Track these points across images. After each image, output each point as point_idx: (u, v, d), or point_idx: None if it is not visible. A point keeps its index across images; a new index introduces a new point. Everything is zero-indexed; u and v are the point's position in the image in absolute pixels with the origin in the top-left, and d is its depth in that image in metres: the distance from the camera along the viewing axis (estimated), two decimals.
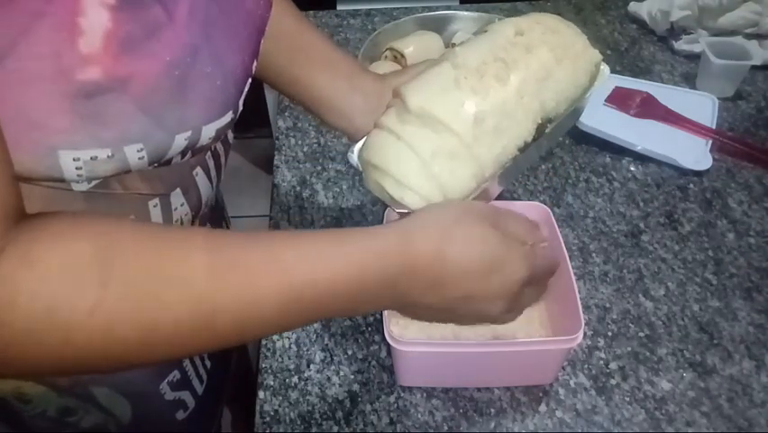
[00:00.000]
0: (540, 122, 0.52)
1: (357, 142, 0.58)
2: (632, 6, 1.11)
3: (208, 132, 0.43)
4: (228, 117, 0.44)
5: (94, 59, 0.35)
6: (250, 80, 0.46)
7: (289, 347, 0.64)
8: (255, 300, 0.37)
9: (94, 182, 0.42)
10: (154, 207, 0.48)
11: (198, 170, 0.52)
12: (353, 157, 0.58)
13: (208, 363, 0.64)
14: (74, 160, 0.37)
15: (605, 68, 0.59)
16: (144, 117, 0.38)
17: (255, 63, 0.47)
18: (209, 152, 0.53)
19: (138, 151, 0.39)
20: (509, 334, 0.62)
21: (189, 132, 0.41)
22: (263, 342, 0.65)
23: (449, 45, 0.96)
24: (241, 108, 0.46)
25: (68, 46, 0.34)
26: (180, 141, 0.41)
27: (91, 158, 0.37)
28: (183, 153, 0.44)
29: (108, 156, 0.38)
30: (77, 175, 0.38)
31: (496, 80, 0.50)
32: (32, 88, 0.34)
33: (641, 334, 0.65)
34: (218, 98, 0.42)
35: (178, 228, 0.40)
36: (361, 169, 0.56)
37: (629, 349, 0.64)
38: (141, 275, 0.35)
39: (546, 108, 0.52)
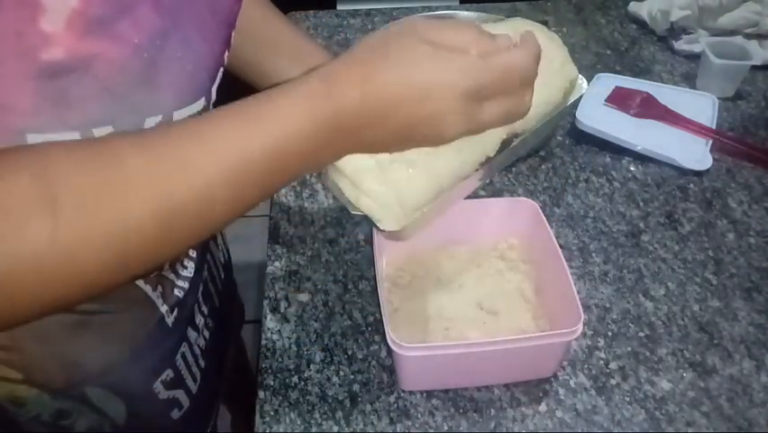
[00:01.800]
0: (505, 137, 0.52)
1: None
2: (632, 6, 1.11)
3: (180, 118, 0.42)
4: (200, 104, 0.43)
5: (57, 38, 0.34)
6: (222, 70, 0.46)
7: (289, 347, 0.64)
8: (202, 183, 0.36)
9: None
10: None
11: None
12: None
13: (202, 363, 0.64)
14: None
15: (582, 81, 0.59)
16: (111, 99, 0.38)
17: (226, 54, 0.47)
18: None
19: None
20: (497, 329, 0.62)
21: (160, 116, 0.40)
22: (263, 342, 0.65)
23: None
24: (214, 97, 0.45)
25: (29, 24, 0.34)
26: (151, 125, 0.40)
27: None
28: None
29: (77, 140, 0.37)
30: None
31: None
32: None
33: (641, 334, 0.65)
34: (189, 84, 0.42)
35: (105, 138, 0.38)
36: None
37: (629, 349, 0.64)
38: (87, 192, 0.34)
39: (513, 126, 0.52)
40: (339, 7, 1.18)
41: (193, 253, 0.60)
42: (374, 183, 0.49)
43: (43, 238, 0.32)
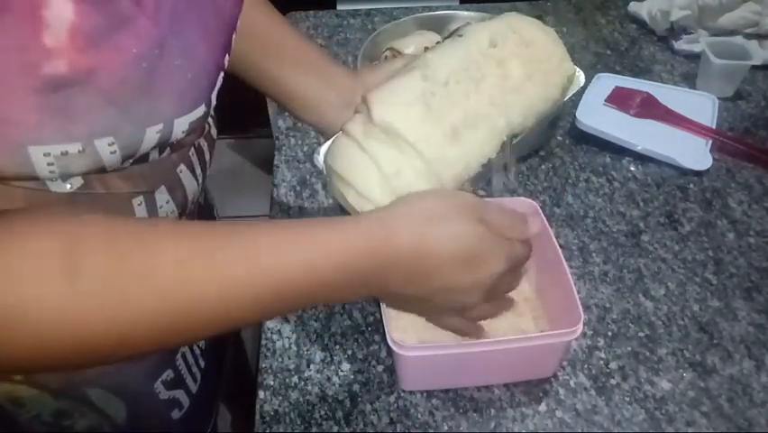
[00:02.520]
0: (505, 139, 0.52)
1: (328, 138, 0.58)
2: (632, 6, 1.11)
3: (181, 125, 0.42)
4: (201, 111, 0.44)
5: (59, 51, 0.35)
6: (222, 74, 0.46)
7: (289, 347, 0.64)
8: (231, 294, 0.38)
9: (71, 181, 0.42)
10: (138, 205, 0.47)
11: (182, 167, 0.52)
12: (319, 159, 0.58)
13: (202, 362, 0.64)
14: (44, 155, 0.37)
15: (579, 74, 0.59)
16: (113, 110, 0.38)
17: (227, 57, 0.47)
18: (192, 149, 0.53)
19: (109, 144, 0.39)
20: (497, 330, 0.62)
21: (161, 125, 0.41)
22: (263, 342, 0.65)
23: None
24: (214, 102, 0.46)
25: (32, 39, 0.34)
26: (152, 134, 0.41)
27: (62, 153, 0.37)
28: (160, 149, 0.44)
29: (79, 151, 0.38)
30: (50, 172, 0.38)
31: (464, 97, 0.50)
32: (1, 80, 0.34)
33: (641, 334, 0.65)
34: (189, 91, 0.42)
35: (148, 221, 0.40)
36: (325, 172, 0.56)
37: (629, 349, 0.64)
38: (109, 272, 0.35)
39: (513, 125, 0.52)
40: (339, 7, 1.18)
41: None
42: (380, 193, 0.49)
43: (56, 303, 0.34)
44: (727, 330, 0.66)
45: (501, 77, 0.52)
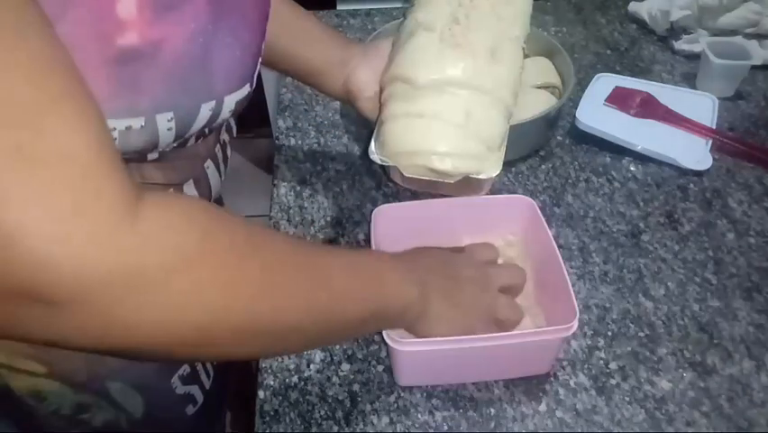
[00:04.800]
0: (524, 46, 0.53)
1: (355, 103, 0.60)
2: (632, 6, 1.11)
3: (229, 103, 0.44)
4: (246, 90, 0.46)
5: (131, 24, 0.36)
6: (260, 59, 0.48)
7: None
8: (350, 313, 0.45)
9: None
10: None
11: (209, 162, 0.54)
12: (375, 155, 0.59)
13: None
14: (111, 130, 0.38)
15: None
16: (174, 84, 0.39)
17: (263, 44, 0.49)
18: (218, 145, 0.55)
19: (168, 120, 0.40)
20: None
21: (213, 102, 0.43)
22: None
23: None
24: (255, 84, 0.48)
25: (106, 11, 0.35)
26: (205, 111, 0.42)
27: (126, 128, 0.39)
28: (205, 128, 0.45)
29: (141, 126, 0.39)
30: None
31: (478, 23, 0.51)
32: (78, 53, 0.34)
33: (641, 334, 0.65)
34: (238, 69, 0.44)
35: (321, 244, 0.47)
36: (386, 163, 0.56)
37: (629, 349, 0.64)
38: (280, 265, 0.38)
39: (524, 32, 0.53)
40: (339, 7, 1.18)
41: None
42: (460, 141, 0.51)
43: (242, 302, 0.35)
44: (727, 330, 0.66)
45: None
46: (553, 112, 0.80)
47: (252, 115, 1.54)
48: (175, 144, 0.44)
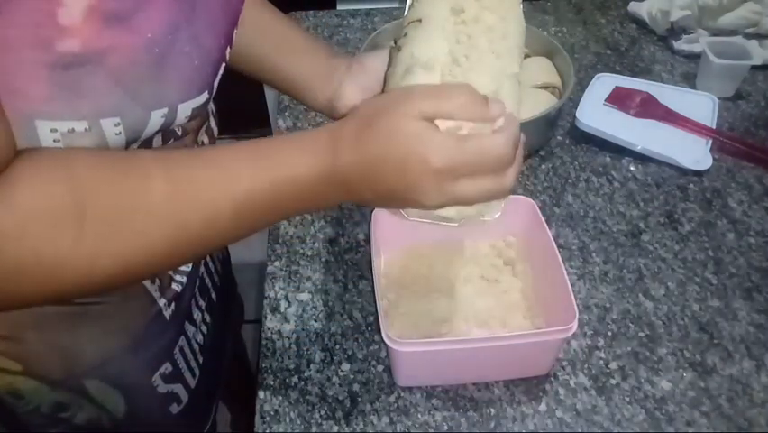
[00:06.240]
0: (520, 81, 0.52)
1: (337, 119, 0.59)
2: (632, 6, 1.11)
3: (184, 110, 0.44)
4: (203, 97, 0.45)
5: (73, 30, 0.36)
6: (224, 65, 0.48)
7: (289, 347, 0.64)
8: (213, 213, 0.41)
9: None
10: None
11: None
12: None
13: (200, 358, 0.64)
14: (51, 131, 0.38)
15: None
16: (121, 91, 0.39)
17: (228, 49, 0.48)
18: (195, 145, 0.54)
19: (115, 125, 0.40)
20: (494, 327, 0.63)
21: (166, 109, 0.42)
22: (263, 342, 0.65)
23: None
24: (215, 90, 0.47)
25: (47, 17, 0.35)
26: (157, 118, 0.42)
27: (68, 130, 0.39)
28: (163, 136, 0.45)
29: (86, 129, 0.39)
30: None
31: (478, 63, 0.50)
32: (13, 55, 0.35)
33: (641, 334, 0.65)
34: (195, 78, 0.43)
35: (133, 158, 0.42)
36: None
37: (629, 349, 0.64)
38: (111, 210, 0.38)
39: (521, 64, 0.53)
40: (339, 7, 1.18)
41: None
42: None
43: (67, 243, 0.36)
44: (727, 330, 0.66)
45: (487, 31, 0.52)
46: (553, 112, 0.80)
47: (252, 115, 1.54)
48: (134, 147, 0.43)
